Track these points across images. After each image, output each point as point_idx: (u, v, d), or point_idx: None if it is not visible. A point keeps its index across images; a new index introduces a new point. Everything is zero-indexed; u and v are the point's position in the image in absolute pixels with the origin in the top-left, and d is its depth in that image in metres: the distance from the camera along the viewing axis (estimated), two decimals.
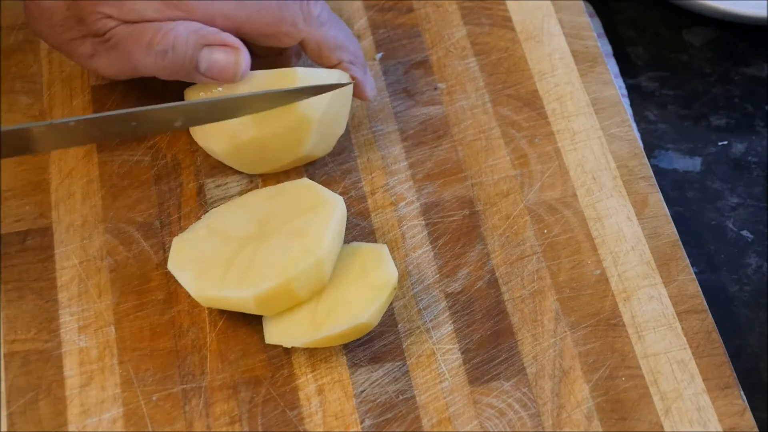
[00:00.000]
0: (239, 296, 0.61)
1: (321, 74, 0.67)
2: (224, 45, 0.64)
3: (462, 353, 0.63)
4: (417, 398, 0.62)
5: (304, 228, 0.62)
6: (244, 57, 0.65)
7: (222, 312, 0.65)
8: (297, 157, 0.68)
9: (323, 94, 0.66)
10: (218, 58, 0.64)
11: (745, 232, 0.74)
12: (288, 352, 0.63)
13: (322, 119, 0.67)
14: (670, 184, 0.76)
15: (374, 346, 0.64)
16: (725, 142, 0.78)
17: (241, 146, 0.67)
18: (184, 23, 0.64)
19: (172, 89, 0.71)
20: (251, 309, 0.62)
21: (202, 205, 0.69)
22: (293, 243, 0.62)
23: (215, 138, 0.68)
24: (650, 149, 0.78)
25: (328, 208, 0.63)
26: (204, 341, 0.64)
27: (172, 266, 0.63)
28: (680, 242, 0.67)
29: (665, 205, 0.69)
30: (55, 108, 0.72)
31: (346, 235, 0.66)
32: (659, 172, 0.76)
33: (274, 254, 0.62)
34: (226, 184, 0.70)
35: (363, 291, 0.62)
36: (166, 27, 0.64)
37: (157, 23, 0.64)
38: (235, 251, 0.63)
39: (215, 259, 0.63)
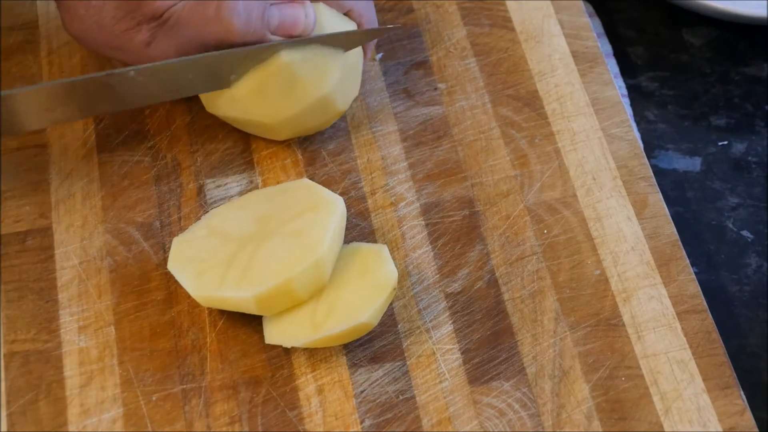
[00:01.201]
0: (239, 296, 0.61)
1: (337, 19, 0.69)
2: (289, 0, 0.65)
3: (462, 353, 0.63)
4: (417, 398, 0.62)
5: (304, 228, 0.62)
6: (311, 9, 0.66)
7: (222, 312, 0.65)
8: (323, 93, 0.67)
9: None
10: (288, 13, 0.65)
11: (745, 232, 0.74)
12: (288, 352, 0.63)
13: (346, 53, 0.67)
14: (670, 184, 0.76)
15: (374, 346, 0.64)
16: (725, 142, 0.78)
17: (269, 78, 0.66)
18: None
19: None
20: (251, 309, 0.62)
21: (202, 205, 0.69)
22: (293, 243, 0.62)
23: (241, 81, 0.67)
24: (650, 149, 0.78)
25: (328, 208, 0.63)
26: (204, 341, 0.64)
27: (172, 266, 0.63)
28: (680, 242, 0.67)
29: (665, 205, 0.69)
30: None
31: (346, 235, 0.66)
32: (659, 172, 0.76)
33: (274, 254, 0.62)
34: (226, 184, 0.70)
35: (363, 291, 0.62)
36: None
37: None
38: (235, 251, 0.63)
39: (215, 259, 0.63)
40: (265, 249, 0.62)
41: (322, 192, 0.64)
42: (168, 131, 0.72)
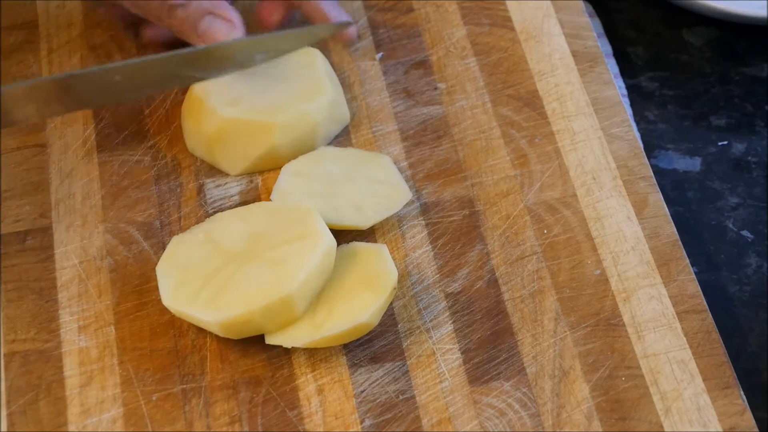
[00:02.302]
0: (204, 319, 0.61)
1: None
2: (226, 19, 0.67)
3: (462, 353, 0.63)
4: (417, 398, 0.62)
5: (286, 258, 0.62)
6: (238, 34, 0.68)
7: None
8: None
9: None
10: (216, 27, 0.67)
11: (745, 232, 0.74)
12: (288, 352, 0.63)
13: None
14: (670, 184, 0.76)
15: (374, 346, 0.64)
16: (725, 142, 0.78)
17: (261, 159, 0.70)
18: None
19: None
20: (216, 332, 0.62)
21: (202, 205, 0.69)
22: (270, 272, 0.61)
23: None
24: (650, 149, 0.78)
25: (314, 242, 0.62)
26: (204, 341, 0.64)
27: (160, 268, 0.63)
28: (680, 242, 0.67)
29: (665, 205, 0.69)
30: None
31: (345, 235, 0.66)
32: (659, 172, 0.76)
33: (249, 280, 0.61)
34: (226, 184, 0.70)
35: (363, 291, 0.62)
36: None
37: None
38: (218, 267, 0.62)
39: (197, 271, 0.62)
40: (244, 272, 0.62)
41: (315, 223, 0.63)
42: (168, 131, 0.72)
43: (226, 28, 0.68)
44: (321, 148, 0.70)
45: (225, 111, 0.68)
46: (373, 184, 0.68)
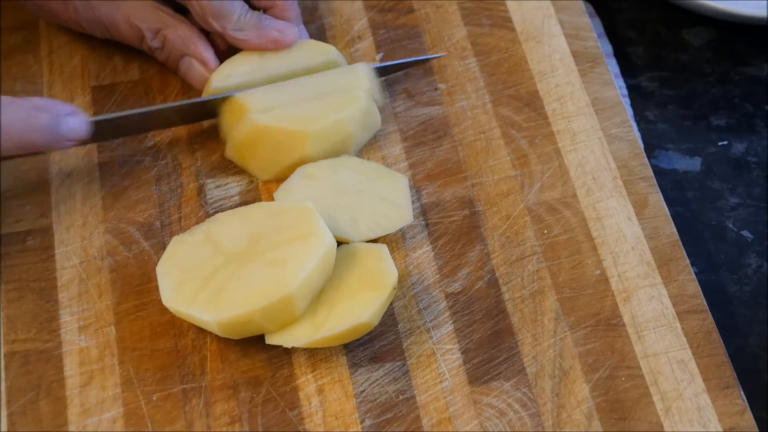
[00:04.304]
0: (204, 319, 0.61)
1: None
2: (201, 60, 0.71)
3: (462, 353, 0.63)
4: (417, 398, 0.62)
5: (286, 258, 0.62)
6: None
7: None
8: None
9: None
10: (195, 69, 0.71)
11: (745, 232, 0.74)
12: (288, 352, 0.63)
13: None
14: (670, 184, 0.76)
15: (374, 346, 0.64)
16: (725, 142, 0.78)
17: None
18: (175, 26, 0.70)
19: (173, 88, 0.71)
20: (216, 331, 0.62)
21: (203, 205, 0.69)
22: (270, 272, 0.61)
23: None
24: (650, 149, 0.78)
25: (315, 242, 0.62)
26: (204, 341, 0.64)
27: (160, 268, 0.63)
28: (680, 242, 0.67)
29: (665, 205, 0.69)
30: None
31: None
32: (659, 172, 0.76)
33: (249, 280, 0.61)
34: (226, 184, 0.70)
35: (363, 291, 0.62)
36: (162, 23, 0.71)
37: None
38: (218, 267, 0.62)
39: (198, 271, 0.62)
40: (244, 272, 0.62)
41: (315, 222, 0.63)
42: (168, 131, 0.72)
43: (203, 70, 0.71)
44: (345, 156, 0.69)
45: (259, 117, 0.68)
46: (379, 201, 0.67)
